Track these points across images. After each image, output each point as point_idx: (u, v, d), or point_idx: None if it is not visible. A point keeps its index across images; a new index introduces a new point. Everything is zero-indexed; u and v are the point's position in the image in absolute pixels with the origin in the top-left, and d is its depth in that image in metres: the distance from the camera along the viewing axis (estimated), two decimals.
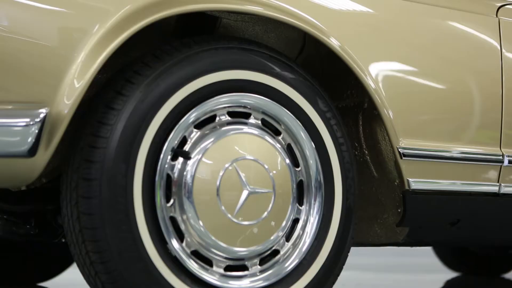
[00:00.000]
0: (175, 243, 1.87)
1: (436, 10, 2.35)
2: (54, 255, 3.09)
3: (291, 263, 2.02)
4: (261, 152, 1.98)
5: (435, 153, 2.25)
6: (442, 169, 2.28)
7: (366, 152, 2.31)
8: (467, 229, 2.45)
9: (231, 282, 1.94)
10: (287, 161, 2.03)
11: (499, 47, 2.42)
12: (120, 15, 1.81)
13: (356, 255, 5.71)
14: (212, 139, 1.93)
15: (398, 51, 2.25)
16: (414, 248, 4.94)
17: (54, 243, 2.57)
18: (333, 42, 2.07)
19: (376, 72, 2.15)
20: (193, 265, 1.89)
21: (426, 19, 2.33)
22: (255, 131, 2.00)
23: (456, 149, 2.30)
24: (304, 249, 2.04)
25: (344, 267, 2.16)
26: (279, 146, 2.04)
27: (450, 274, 4.38)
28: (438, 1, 2.36)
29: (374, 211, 2.36)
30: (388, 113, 2.16)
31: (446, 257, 4.42)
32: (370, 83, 2.12)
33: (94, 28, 1.78)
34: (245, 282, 1.96)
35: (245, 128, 1.99)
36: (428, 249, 4.53)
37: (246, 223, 1.94)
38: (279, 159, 2.01)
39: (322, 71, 2.34)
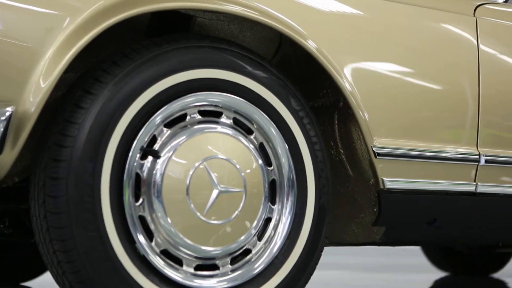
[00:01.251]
0: (143, 242, 1.87)
1: (414, 10, 2.35)
2: (37, 254, 3.08)
3: (262, 263, 2.02)
4: (232, 151, 1.98)
5: (410, 153, 2.25)
6: (418, 168, 2.28)
7: (342, 151, 2.31)
8: (444, 228, 2.44)
9: (200, 281, 1.94)
10: (259, 160, 2.03)
11: (476, 47, 2.41)
12: (91, 11, 1.80)
13: (343, 254, 5.74)
14: (182, 138, 1.93)
15: (375, 51, 2.24)
16: (402, 247, 4.95)
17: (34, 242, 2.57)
18: (310, 44, 2.07)
19: (352, 74, 2.15)
20: (161, 264, 1.89)
21: (404, 19, 2.33)
22: (227, 130, 2.00)
23: (432, 148, 2.29)
24: (276, 248, 2.04)
25: (329, 266, 2.16)
26: (251, 145, 2.03)
27: (439, 274, 4.38)
28: (416, 1, 2.35)
29: (351, 211, 2.36)
30: (363, 114, 2.15)
31: (435, 257, 4.42)
32: (346, 86, 2.12)
33: (63, 24, 1.78)
34: (215, 281, 1.96)
35: (217, 127, 1.99)
36: (417, 249, 4.53)
37: (216, 222, 1.93)
38: (251, 158, 2.01)
39: (298, 70, 2.33)
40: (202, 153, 1.93)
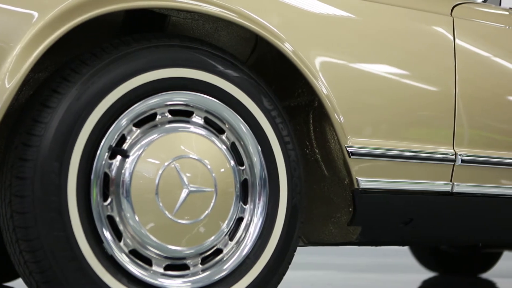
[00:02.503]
0: (111, 242, 1.86)
1: (391, 10, 2.34)
2: None
3: (233, 262, 2.02)
4: (203, 151, 1.97)
5: (385, 152, 2.24)
6: (393, 168, 2.27)
7: (317, 150, 2.30)
8: (421, 228, 2.44)
9: (170, 281, 1.93)
10: (230, 159, 2.02)
11: (452, 46, 2.40)
12: (61, 8, 1.79)
13: (331, 254, 5.73)
14: (151, 137, 1.92)
15: (351, 53, 2.23)
16: (390, 248, 4.94)
17: None
18: (287, 47, 2.06)
19: (328, 76, 2.14)
20: (130, 264, 1.88)
21: (382, 20, 2.32)
22: (198, 129, 1.99)
23: (407, 148, 2.28)
24: (247, 248, 2.04)
25: (315, 267, 2.16)
26: (223, 144, 2.03)
27: (427, 274, 4.38)
28: (393, 1, 2.34)
29: (327, 210, 2.35)
30: (338, 116, 2.15)
31: (423, 257, 4.42)
32: (321, 88, 2.11)
33: (32, 21, 1.76)
34: (185, 281, 1.95)
35: (187, 127, 1.98)
36: (405, 249, 4.53)
37: (185, 222, 1.93)
38: (222, 157, 2.00)
39: (274, 70, 2.33)
40: (172, 152, 1.93)
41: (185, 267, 1.98)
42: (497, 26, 2.59)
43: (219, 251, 2.02)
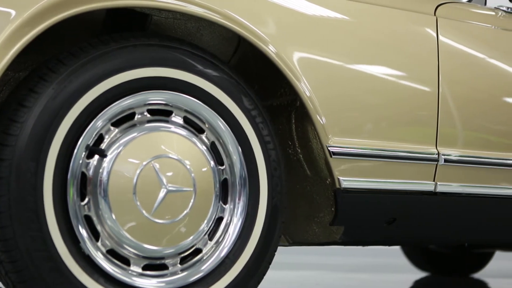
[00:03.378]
0: (88, 242, 1.86)
1: (375, 10, 2.33)
2: None
3: (212, 262, 2.01)
4: (182, 150, 1.97)
5: (367, 152, 2.23)
6: (375, 168, 2.26)
7: (299, 150, 2.30)
8: (405, 228, 2.43)
9: (148, 281, 1.93)
10: (210, 159, 2.02)
11: (436, 46, 2.40)
12: (39, 6, 1.78)
13: (323, 254, 5.73)
14: (129, 137, 1.92)
15: (335, 53, 2.22)
16: (382, 248, 4.94)
17: None
18: (270, 49, 2.06)
19: (311, 77, 2.13)
20: (107, 264, 1.88)
21: (365, 20, 2.31)
22: (177, 129, 1.99)
23: (389, 148, 2.28)
24: (227, 248, 2.03)
25: (304, 267, 2.15)
26: (202, 144, 2.02)
27: (419, 274, 4.37)
28: (377, 0, 2.34)
29: (311, 210, 2.35)
30: (321, 118, 2.14)
31: (415, 257, 4.42)
32: (304, 90, 2.11)
33: (9, 18, 1.76)
34: (164, 281, 1.95)
35: (166, 126, 1.98)
36: (397, 249, 4.52)
37: (164, 221, 1.92)
38: (201, 157, 2.00)
39: (256, 69, 2.32)
40: (150, 152, 1.92)
41: (164, 267, 1.97)
42: (482, 25, 2.58)
43: (198, 251, 2.02)
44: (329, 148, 2.17)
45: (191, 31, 2.25)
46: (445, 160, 2.37)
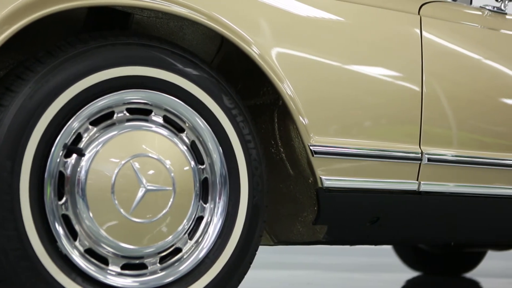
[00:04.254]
0: (66, 242, 1.86)
1: (359, 9, 2.33)
2: None
3: (192, 261, 2.01)
4: (161, 149, 1.97)
5: (349, 151, 2.23)
6: (358, 167, 2.26)
7: (282, 149, 2.29)
8: (389, 227, 2.43)
9: (126, 280, 1.92)
10: (190, 158, 2.01)
11: (420, 45, 2.39)
12: (18, 4, 1.78)
13: (313, 254, 5.73)
14: (108, 136, 1.91)
15: (318, 53, 2.21)
16: (374, 247, 4.93)
17: None
18: (254, 50, 2.06)
19: (294, 78, 2.13)
20: (84, 263, 1.87)
21: (349, 20, 2.31)
22: (156, 128, 1.99)
23: (372, 147, 2.27)
24: (207, 247, 2.03)
25: (295, 266, 2.15)
26: (182, 143, 2.02)
27: (411, 274, 4.36)
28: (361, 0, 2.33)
29: (294, 209, 2.35)
30: (302, 117, 2.14)
31: (407, 256, 4.41)
32: (286, 91, 2.11)
33: None
34: (142, 280, 1.94)
35: (145, 125, 1.98)
36: (389, 249, 4.52)
37: (143, 221, 1.92)
38: (181, 156, 1.99)
39: (240, 68, 2.32)
40: (128, 151, 1.92)
41: (143, 266, 1.97)
42: (467, 25, 2.58)
43: (178, 250, 2.02)
44: (311, 147, 2.16)
45: (173, 30, 2.25)
46: (429, 159, 2.36)
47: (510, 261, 5.63)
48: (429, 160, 2.36)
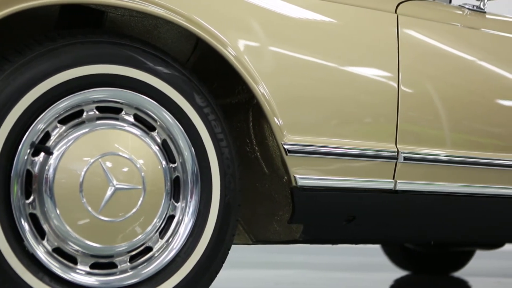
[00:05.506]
0: (32, 240, 1.85)
1: (335, 8, 2.32)
2: None
3: (163, 260, 2.00)
4: (131, 148, 1.96)
5: (323, 149, 2.22)
6: (332, 165, 2.25)
7: (257, 148, 2.29)
8: (366, 226, 2.42)
9: (95, 279, 1.92)
10: (160, 157, 2.01)
11: (396, 43, 2.38)
12: None
13: (303, 253, 5.72)
14: (76, 134, 1.91)
15: (294, 54, 2.21)
16: (362, 246, 4.91)
17: None
18: (229, 52, 2.05)
19: (269, 80, 2.12)
20: (51, 263, 1.86)
21: (326, 20, 2.30)
22: (126, 126, 1.98)
23: (347, 145, 2.26)
24: (178, 246, 2.02)
25: (281, 265, 2.14)
26: (153, 142, 2.01)
27: (400, 273, 4.36)
28: None
29: (271, 208, 2.34)
30: (277, 117, 2.13)
31: (396, 256, 4.40)
32: (261, 92, 2.10)
33: None
34: (111, 279, 1.93)
35: (115, 124, 1.97)
36: (377, 248, 4.51)
37: (111, 219, 1.91)
38: (151, 155, 1.99)
39: (216, 67, 2.31)
40: (98, 149, 1.91)
41: (113, 265, 1.96)
42: (446, 23, 2.57)
43: (149, 249, 2.01)
44: (284, 146, 2.15)
45: (148, 29, 2.24)
46: (405, 158, 2.35)
47: (498, 260, 5.63)
48: (405, 159, 2.35)
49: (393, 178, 2.35)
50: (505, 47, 2.69)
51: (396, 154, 2.34)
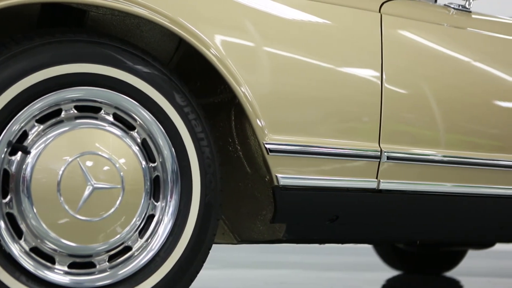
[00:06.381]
0: (9, 240, 1.84)
1: (319, 7, 2.31)
2: None
3: (142, 260, 2.00)
4: (110, 147, 1.95)
5: (305, 149, 2.21)
6: (315, 165, 2.24)
7: (239, 147, 2.28)
8: (349, 225, 2.41)
9: (74, 278, 1.91)
10: (140, 156, 2.00)
11: (380, 42, 2.38)
12: None
13: (296, 253, 5.72)
14: (55, 133, 1.90)
15: (277, 53, 2.20)
16: (354, 246, 4.91)
17: None
18: (212, 53, 2.05)
19: (252, 81, 2.12)
20: (28, 262, 1.86)
21: (309, 19, 2.29)
22: (106, 125, 1.97)
23: (329, 145, 2.26)
24: (157, 245, 2.01)
25: (273, 265, 2.13)
26: (133, 141, 2.00)
27: (391, 273, 4.35)
28: None
29: (254, 208, 2.33)
30: (259, 117, 2.13)
31: (387, 255, 4.39)
32: (244, 94, 2.10)
33: None
34: (90, 278, 1.93)
35: (94, 123, 1.96)
36: (369, 248, 4.51)
37: (89, 219, 1.90)
38: (131, 154, 1.98)
39: (199, 66, 2.30)
40: (76, 149, 1.91)
41: (92, 265, 1.95)
42: (430, 23, 2.56)
43: (128, 249, 2.00)
44: (266, 145, 2.15)
45: (130, 28, 2.24)
46: (388, 158, 2.35)
47: (489, 259, 5.63)
48: (388, 158, 2.35)
49: (377, 178, 2.35)
50: (491, 46, 2.68)
51: (379, 153, 2.33)
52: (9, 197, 1.86)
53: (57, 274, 1.89)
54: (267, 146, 2.15)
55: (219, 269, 4.46)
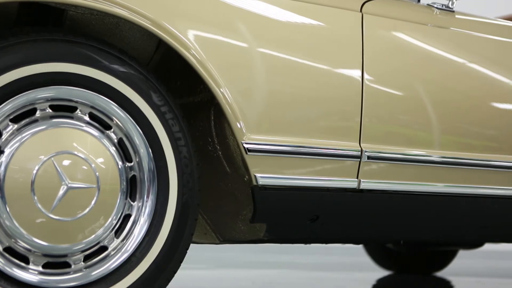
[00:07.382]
0: None
1: (300, 6, 2.30)
2: None
3: (117, 260, 1.99)
4: (85, 147, 1.94)
5: (284, 149, 2.21)
6: (294, 165, 2.23)
7: (218, 147, 2.27)
8: (330, 225, 2.40)
9: (47, 278, 1.90)
10: (116, 155, 1.99)
11: (361, 42, 2.37)
12: None
13: (285, 253, 5.71)
14: (29, 133, 1.89)
15: (257, 53, 2.19)
16: (344, 246, 4.90)
17: None
18: (192, 54, 2.05)
19: (231, 82, 2.11)
20: (1, 262, 1.85)
21: (289, 19, 2.28)
22: (81, 125, 1.96)
23: (309, 144, 2.25)
24: (134, 245, 2.01)
25: (264, 265, 2.12)
26: (109, 141, 2.00)
27: (382, 273, 4.35)
28: None
29: (235, 207, 2.33)
30: (237, 119, 2.12)
31: (378, 255, 4.39)
32: (224, 95, 2.09)
33: None
34: (64, 278, 1.92)
35: (69, 122, 1.95)
36: (359, 248, 4.50)
37: (64, 218, 1.90)
38: (106, 153, 1.97)
39: (179, 66, 2.30)
40: (50, 148, 1.90)
41: (67, 265, 1.95)
42: (413, 23, 2.55)
43: (104, 249, 1.99)
44: (244, 145, 2.14)
45: (109, 27, 2.23)
46: (369, 157, 2.34)
47: (480, 259, 5.63)
48: (369, 158, 2.34)
49: (357, 177, 2.34)
50: (474, 46, 2.68)
51: (359, 153, 2.33)
52: None
53: (30, 274, 1.88)
54: (246, 145, 2.14)
55: (207, 269, 4.46)
